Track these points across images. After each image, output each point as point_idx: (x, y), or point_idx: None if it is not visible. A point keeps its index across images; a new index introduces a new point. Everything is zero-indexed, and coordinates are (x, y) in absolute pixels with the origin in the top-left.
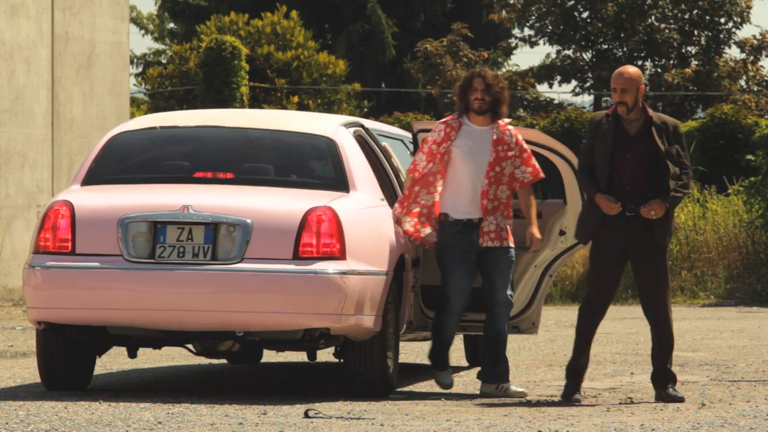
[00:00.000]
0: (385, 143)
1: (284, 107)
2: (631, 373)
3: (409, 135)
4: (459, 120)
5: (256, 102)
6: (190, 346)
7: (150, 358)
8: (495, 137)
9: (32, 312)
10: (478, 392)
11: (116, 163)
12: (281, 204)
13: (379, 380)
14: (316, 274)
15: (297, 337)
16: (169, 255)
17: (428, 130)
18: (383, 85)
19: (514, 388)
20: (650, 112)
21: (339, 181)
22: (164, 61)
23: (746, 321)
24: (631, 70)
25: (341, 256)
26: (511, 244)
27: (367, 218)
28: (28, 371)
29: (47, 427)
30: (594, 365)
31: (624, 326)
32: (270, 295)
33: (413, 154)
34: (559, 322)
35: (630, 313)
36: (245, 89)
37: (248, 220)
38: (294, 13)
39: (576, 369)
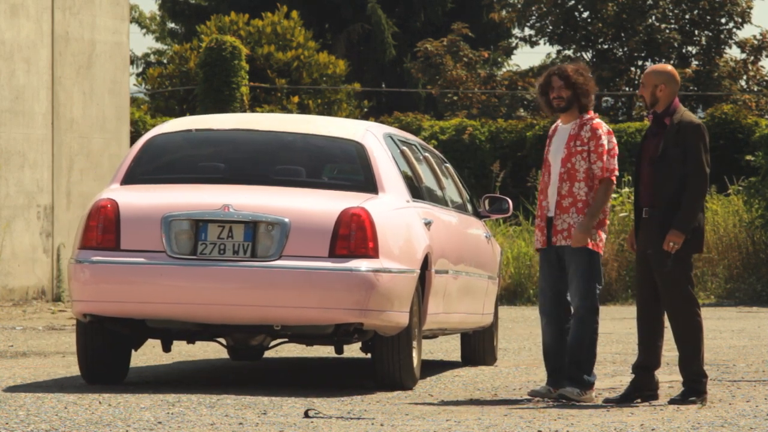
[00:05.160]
0: (404, 147)
1: (284, 107)
2: (632, 373)
3: (420, 140)
4: (556, 123)
5: (256, 102)
6: (221, 340)
7: (150, 358)
8: (572, 132)
9: (78, 305)
10: (477, 392)
11: (154, 164)
12: (317, 204)
13: (405, 373)
14: (351, 272)
15: (328, 332)
16: (211, 252)
17: None
18: (383, 85)
19: (570, 390)
20: (675, 109)
21: (368, 183)
22: (165, 62)
23: (746, 321)
24: (655, 66)
25: (374, 254)
26: (588, 246)
27: (396, 219)
28: (28, 371)
29: (47, 427)
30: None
31: (624, 326)
32: (307, 291)
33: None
34: None
35: (630, 313)
36: (245, 89)
37: (286, 219)
38: (294, 13)
39: (634, 369)
